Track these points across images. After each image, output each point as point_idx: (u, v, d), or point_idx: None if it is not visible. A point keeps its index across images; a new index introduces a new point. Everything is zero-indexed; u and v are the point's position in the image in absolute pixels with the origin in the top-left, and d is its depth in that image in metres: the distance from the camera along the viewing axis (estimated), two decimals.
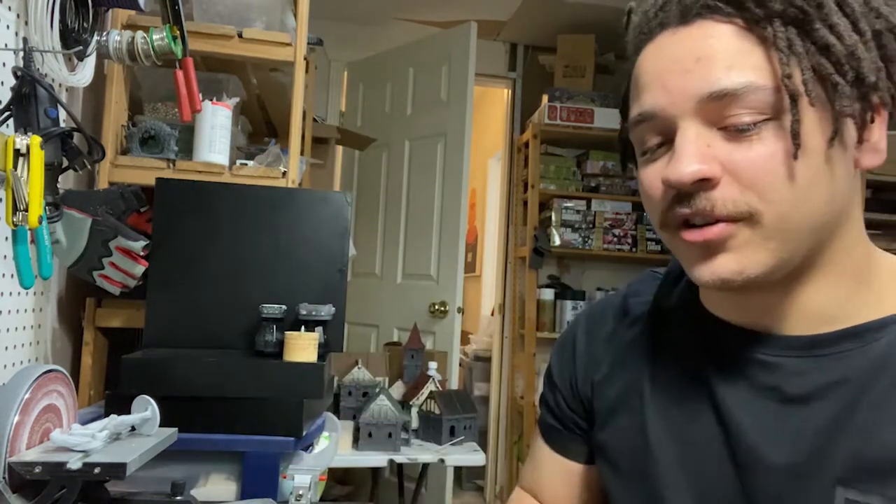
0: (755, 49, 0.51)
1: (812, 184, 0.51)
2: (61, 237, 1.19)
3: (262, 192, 1.31)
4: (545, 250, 3.42)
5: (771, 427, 0.55)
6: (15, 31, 1.03)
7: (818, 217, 0.52)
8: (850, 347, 0.54)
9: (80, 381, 1.38)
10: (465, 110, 3.04)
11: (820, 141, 0.51)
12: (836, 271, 0.55)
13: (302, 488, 1.06)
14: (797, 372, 0.55)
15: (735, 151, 0.51)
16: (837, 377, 0.53)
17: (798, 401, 0.55)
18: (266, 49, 1.49)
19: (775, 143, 0.50)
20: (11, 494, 0.74)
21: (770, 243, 0.52)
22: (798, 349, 0.56)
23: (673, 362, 0.64)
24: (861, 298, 0.55)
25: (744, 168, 0.51)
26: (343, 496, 2.99)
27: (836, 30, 0.50)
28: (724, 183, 0.52)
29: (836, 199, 0.53)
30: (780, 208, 0.51)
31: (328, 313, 1.21)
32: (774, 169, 0.50)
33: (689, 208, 0.53)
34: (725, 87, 0.50)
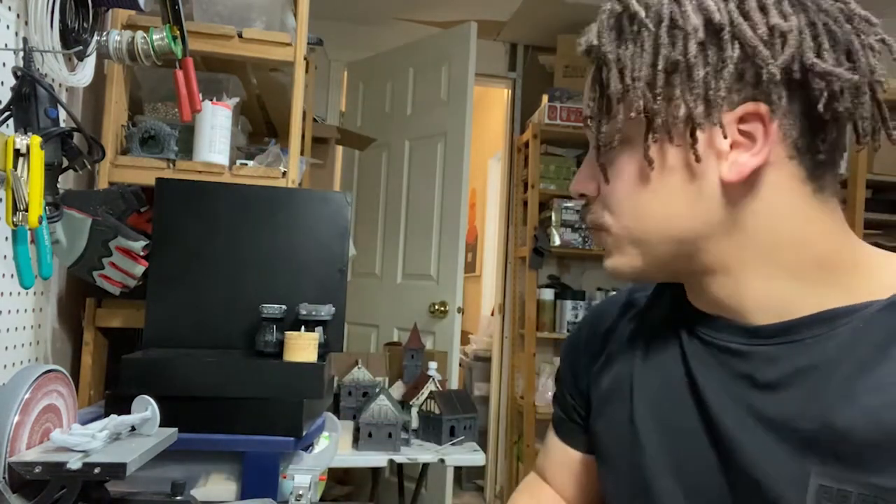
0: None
1: (641, 203, 0.60)
2: (61, 237, 1.19)
3: (262, 192, 1.31)
4: (545, 250, 3.42)
5: (745, 414, 0.57)
6: (15, 31, 1.03)
7: (663, 228, 0.60)
8: (819, 333, 0.55)
9: (80, 381, 1.38)
10: (465, 110, 3.04)
11: (635, 167, 0.60)
12: (761, 270, 0.58)
13: (302, 488, 1.06)
14: (768, 359, 0.57)
15: (598, 172, 0.63)
16: (805, 363, 0.55)
17: (769, 387, 0.56)
18: (266, 49, 1.49)
19: (610, 168, 0.61)
20: (11, 494, 0.74)
21: (628, 248, 0.62)
22: (768, 337, 0.58)
23: (658, 353, 0.67)
24: (825, 290, 0.57)
25: (601, 187, 0.63)
26: (343, 496, 2.99)
27: (621, 67, 0.58)
28: (598, 198, 0.64)
29: (685, 212, 0.58)
30: (622, 221, 0.61)
31: (328, 313, 1.21)
32: (614, 189, 0.61)
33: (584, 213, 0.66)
34: (584, 115, 0.63)
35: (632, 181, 0.60)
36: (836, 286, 0.57)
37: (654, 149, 0.58)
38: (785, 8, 0.55)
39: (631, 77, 0.57)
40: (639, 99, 0.57)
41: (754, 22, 0.55)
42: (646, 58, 0.57)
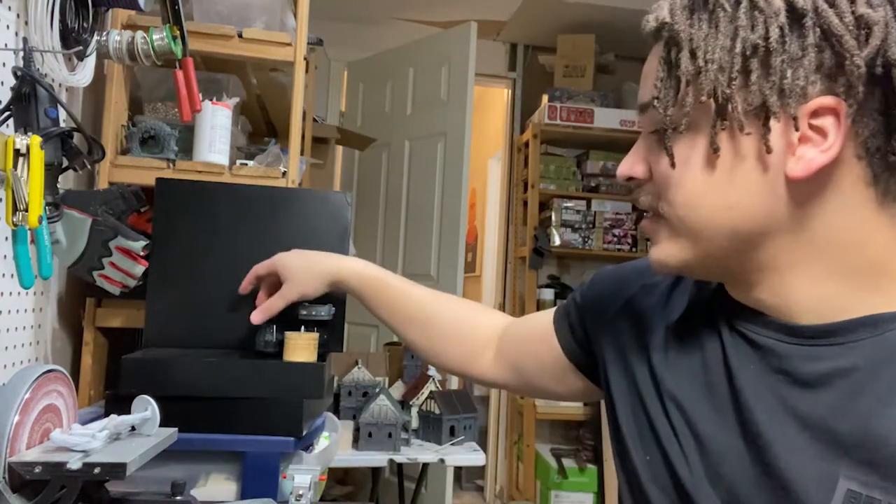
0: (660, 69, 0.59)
1: (700, 192, 0.57)
2: (61, 237, 1.19)
3: (262, 192, 1.31)
4: (545, 250, 3.42)
5: (779, 409, 0.56)
6: (15, 31, 1.03)
7: (719, 221, 0.57)
8: (863, 336, 0.54)
9: (80, 381, 1.37)
10: (465, 110, 3.04)
11: (701, 156, 0.57)
12: (825, 269, 0.56)
13: (302, 488, 1.06)
14: (808, 358, 0.56)
15: (656, 157, 0.60)
16: (846, 365, 0.54)
17: (806, 385, 0.55)
18: (266, 49, 1.49)
19: (677, 154, 0.58)
20: (11, 494, 0.74)
21: (679, 240, 0.60)
22: (810, 337, 0.57)
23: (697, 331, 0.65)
24: (869, 297, 0.55)
25: (655, 172, 0.61)
26: (343, 496, 2.99)
27: (694, 51, 0.55)
28: (651, 182, 0.61)
29: (745, 205, 0.56)
30: (677, 210, 0.59)
31: (328, 313, 1.21)
32: (669, 176, 0.59)
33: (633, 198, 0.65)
34: (641, 102, 0.61)
35: (693, 168, 0.57)
36: (885, 294, 0.56)
37: (721, 136, 0.56)
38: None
39: (704, 59, 0.55)
40: (711, 83, 0.55)
41: (840, 10, 0.52)
42: (721, 40, 0.54)
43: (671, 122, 0.57)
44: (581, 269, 3.78)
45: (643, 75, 0.62)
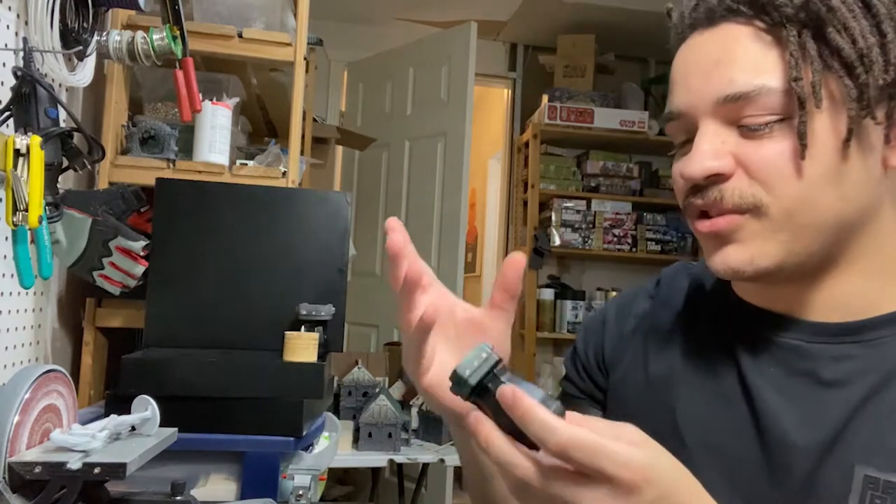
0: (770, 52, 0.53)
1: (820, 183, 0.52)
2: (61, 237, 1.19)
3: (262, 192, 1.31)
4: (545, 250, 3.42)
5: (802, 410, 0.56)
6: (15, 31, 1.03)
7: (831, 215, 0.53)
8: (887, 334, 0.55)
9: (80, 381, 1.37)
10: (465, 110, 3.04)
11: (832, 142, 0.52)
12: (867, 264, 0.56)
13: (302, 488, 1.06)
14: (833, 357, 0.56)
15: (748, 147, 0.54)
16: (872, 362, 0.54)
17: (833, 385, 0.55)
18: (266, 49, 1.49)
19: (785, 142, 0.52)
20: (11, 494, 0.74)
21: (779, 235, 0.54)
22: (832, 335, 0.57)
23: (704, 347, 0.64)
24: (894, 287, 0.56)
25: (754, 162, 0.53)
26: (343, 496, 2.99)
27: (850, 33, 0.51)
28: (736, 176, 0.54)
29: (855, 198, 0.54)
30: (786, 203, 0.53)
31: (328, 313, 1.21)
32: (782, 165, 0.53)
33: (701, 199, 0.56)
34: (739, 91, 0.53)
35: (817, 157, 0.52)
36: None
37: (856, 124, 0.52)
38: None
39: (865, 42, 0.51)
40: (868, 68, 0.51)
41: None
42: (873, 24, 0.52)
43: (806, 107, 0.52)
44: (581, 269, 3.78)
45: (727, 60, 0.54)
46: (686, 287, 0.71)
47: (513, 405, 0.42)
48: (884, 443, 0.52)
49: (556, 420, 0.41)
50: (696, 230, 0.58)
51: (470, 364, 0.44)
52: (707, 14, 0.57)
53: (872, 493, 0.51)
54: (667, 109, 0.60)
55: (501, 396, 0.43)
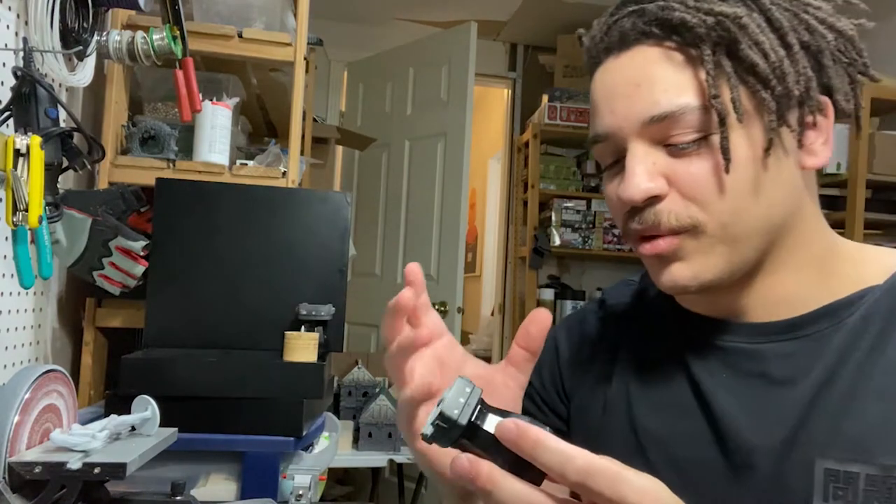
0: (686, 71, 0.55)
1: (748, 193, 0.55)
2: (61, 237, 1.19)
3: (262, 192, 1.31)
4: (545, 250, 3.42)
5: (757, 411, 0.57)
6: (15, 31, 1.03)
7: (762, 221, 0.56)
8: (827, 326, 0.57)
9: (80, 381, 1.37)
10: (465, 110, 3.04)
11: (753, 153, 0.54)
12: (797, 261, 0.59)
13: (302, 488, 1.06)
14: (779, 355, 0.57)
15: (677, 167, 0.55)
16: (816, 356, 0.56)
17: (784, 382, 0.57)
18: (266, 49, 1.49)
19: (711, 158, 0.54)
20: (11, 494, 0.74)
21: (718, 248, 0.56)
22: (775, 333, 0.58)
23: (655, 362, 0.65)
24: (827, 281, 0.59)
25: (685, 182, 0.55)
26: (343, 496, 2.99)
27: (761, 48, 0.53)
28: (670, 197, 0.56)
29: (780, 201, 0.56)
30: (721, 218, 0.55)
31: (328, 313, 1.21)
32: (712, 182, 0.54)
33: (639, 224, 0.57)
34: (664, 111, 0.54)
35: (741, 169, 0.54)
36: (838, 276, 0.59)
37: (775, 133, 0.54)
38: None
39: (776, 55, 0.54)
40: (782, 79, 0.54)
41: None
42: (779, 38, 0.55)
43: (727, 123, 0.53)
44: (581, 269, 3.78)
45: (648, 82, 0.55)
46: (630, 303, 0.72)
47: (520, 437, 0.39)
48: (839, 434, 0.53)
49: (572, 447, 0.39)
50: (640, 253, 0.59)
51: (456, 403, 0.39)
52: (620, 37, 0.58)
53: (834, 486, 0.52)
54: (592, 132, 0.61)
55: (504, 431, 0.39)
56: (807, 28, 0.55)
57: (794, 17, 0.55)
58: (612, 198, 0.61)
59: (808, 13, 0.56)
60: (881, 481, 0.51)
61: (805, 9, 0.56)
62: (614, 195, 0.59)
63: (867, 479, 0.51)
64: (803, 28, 0.55)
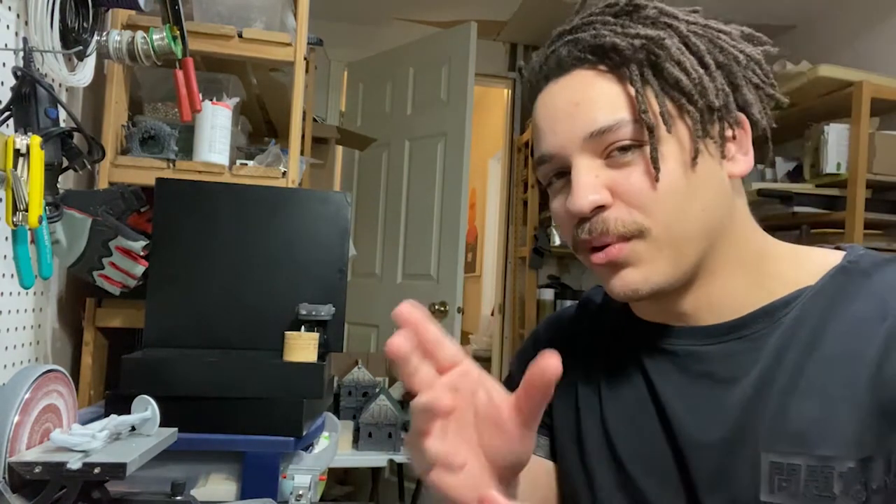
0: (620, 89, 0.60)
1: (684, 197, 0.59)
2: (61, 237, 1.19)
3: (262, 192, 1.31)
4: (545, 250, 3.42)
5: (704, 410, 0.61)
6: (15, 31, 1.03)
7: (700, 223, 0.60)
8: (764, 326, 0.61)
9: (80, 381, 1.38)
10: (465, 110, 3.04)
11: (682, 160, 0.60)
12: (734, 264, 0.63)
13: (302, 488, 1.06)
14: (724, 355, 0.62)
15: (618, 177, 0.60)
16: (756, 355, 0.60)
17: (728, 381, 0.61)
18: (266, 49, 1.49)
19: (647, 167, 0.59)
20: (11, 494, 0.74)
21: (665, 252, 0.60)
22: (719, 335, 0.62)
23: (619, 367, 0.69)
24: (764, 283, 0.63)
25: (626, 191, 0.60)
26: (343, 496, 2.99)
27: (682, 66, 0.59)
28: (615, 206, 0.60)
29: (713, 205, 0.61)
30: (664, 220, 0.59)
31: (328, 313, 1.21)
32: (649, 188, 0.59)
33: (588, 234, 0.61)
34: (601, 126, 0.59)
35: (673, 176, 0.59)
36: (775, 277, 0.63)
37: (701, 143, 0.60)
38: None
39: (696, 72, 0.60)
40: (703, 93, 0.59)
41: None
42: (698, 57, 0.61)
43: (656, 134, 0.59)
44: (581, 269, 3.78)
45: (586, 101, 0.60)
46: (601, 305, 0.76)
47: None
48: (781, 429, 0.56)
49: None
50: (592, 263, 0.62)
51: None
52: (557, 64, 0.63)
53: (779, 478, 0.56)
54: (537, 154, 0.65)
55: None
56: (721, 50, 0.61)
57: (708, 41, 0.61)
58: (559, 213, 0.65)
59: (721, 39, 0.62)
60: (819, 471, 0.54)
61: (718, 35, 0.62)
62: (562, 210, 0.64)
63: (807, 469, 0.55)
64: (717, 50, 0.61)
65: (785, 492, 0.55)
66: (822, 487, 0.54)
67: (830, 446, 0.54)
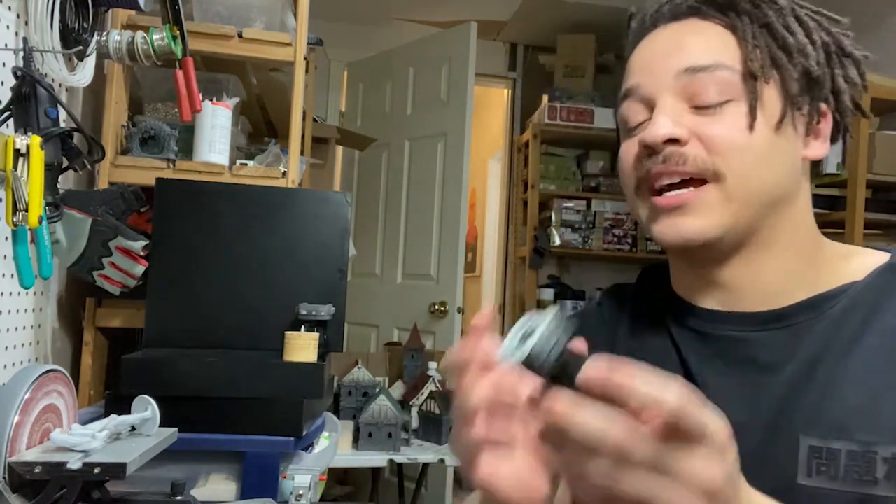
0: (726, 40, 0.61)
1: (764, 155, 0.60)
2: (61, 237, 1.19)
3: (262, 192, 1.31)
4: (545, 250, 3.42)
5: (744, 392, 0.60)
6: (15, 31, 1.03)
7: (770, 187, 0.60)
8: (811, 317, 0.61)
9: (80, 381, 1.37)
10: (465, 110, 3.04)
11: (769, 121, 0.60)
12: (786, 248, 0.63)
13: (302, 488, 1.06)
14: (767, 343, 0.61)
15: (702, 123, 0.60)
16: (799, 344, 0.60)
17: (770, 368, 0.61)
18: (266, 49, 1.49)
19: (734, 118, 0.59)
20: (11, 494, 0.74)
21: (732, 205, 0.59)
22: (765, 323, 0.62)
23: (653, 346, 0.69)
24: (812, 273, 0.63)
25: (708, 136, 0.59)
26: (343, 496, 2.99)
27: (791, 29, 0.61)
28: (692, 145, 0.60)
29: (785, 176, 0.62)
30: (741, 170, 0.59)
31: (328, 313, 1.21)
32: (733, 138, 0.59)
33: (662, 163, 0.60)
34: (699, 64, 0.60)
35: (762, 131, 0.60)
36: (822, 271, 0.63)
37: (790, 109, 0.61)
38: None
39: (808, 35, 0.61)
40: (814, 58, 0.61)
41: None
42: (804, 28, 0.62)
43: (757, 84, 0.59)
44: (581, 269, 3.78)
45: (689, 43, 0.61)
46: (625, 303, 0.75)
47: (611, 374, 0.38)
48: (821, 415, 0.56)
49: (663, 380, 0.38)
50: (654, 204, 0.62)
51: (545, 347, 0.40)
52: (671, 12, 0.65)
53: (818, 461, 0.55)
54: (623, 88, 0.65)
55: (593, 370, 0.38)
56: (827, 33, 0.63)
57: (817, 23, 0.63)
58: (628, 151, 0.64)
59: (829, 25, 0.63)
60: (861, 456, 0.54)
61: (828, 21, 0.64)
62: (631, 146, 0.63)
63: (848, 454, 0.54)
64: (824, 32, 0.63)
65: (824, 475, 0.55)
66: (863, 472, 0.54)
67: (874, 432, 0.54)
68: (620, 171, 0.67)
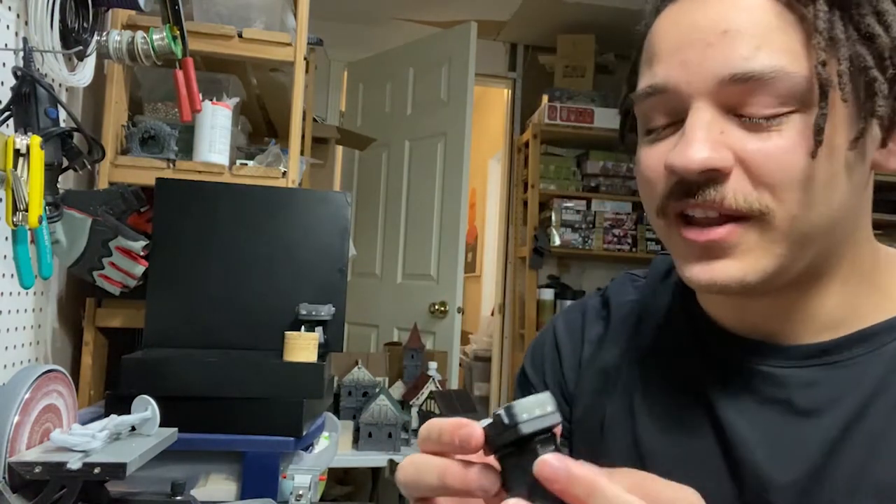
0: (791, 29, 0.45)
1: (828, 186, 0.46)
2: (61, 237, 1.19)
3: (262, 192, 1.31)
4: (545, 250, 3.42)
5: (777, 442, 0.50)
6: (15, 31, 1.03)
7: (830, 222, 0.47)
8: (861, 352, 0.50)
9: (80, 381, 1.37)
10: (465, 110, 3.04)
11: (844, 140, 0.46)
12: (846, 274, 0.51)
13: (302, 488, 1.06)
14: (807, 383, 0.50)
15: (750, 142, 0.45)
16: (849, 386, 0.49)
17: (808, 414, 0.50)
18: (266, 49, 1.49)
19: (796, 138, 0.44)
20: (11, 494, 0.74)
21: (778, 248, 0.46)
22: (806, 358, 0.51)
23: (666, 373, 0.58)
24: (869, 299, 0.51)
25: (758, 161, 0.45)
26: (343, 496, 2.99)
27: (883, 18, 0.45)
28: (735, 177, 0.46)
29: (850, 199, 0.48)
30: (793, 210, 0.45)
31: (328, 313, 1.22)
32: (792, 165, 0.44)
33: (695, 199, 0.46)
34: (752, 70, 0.44)
35: (829, 156, 0.45)
36: (876, 294, 0.52)
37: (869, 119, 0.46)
38: None
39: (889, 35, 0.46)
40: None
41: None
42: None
43: (829, 98, 0.44)
44: (581, 269, 3.78)
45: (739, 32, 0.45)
46: (638, 303, 0.64)
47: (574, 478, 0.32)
48: (866, 478, 0.46)
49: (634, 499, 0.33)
50: (683, 237, 0.48)
51: (530, 409, 0.34)
52: None
53: None
54: (647, 82, 0.49)
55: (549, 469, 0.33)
56: None
57: None
58: (650, 165, 0.50)
59: None
60: None
61: None
62: (655, 161, 0.49)
63: None
64: None
65: None
66: None
67: None
68: (640, 186, 0.52)
